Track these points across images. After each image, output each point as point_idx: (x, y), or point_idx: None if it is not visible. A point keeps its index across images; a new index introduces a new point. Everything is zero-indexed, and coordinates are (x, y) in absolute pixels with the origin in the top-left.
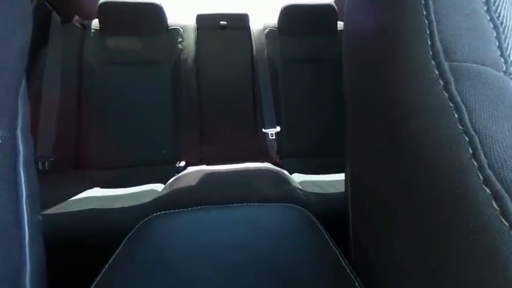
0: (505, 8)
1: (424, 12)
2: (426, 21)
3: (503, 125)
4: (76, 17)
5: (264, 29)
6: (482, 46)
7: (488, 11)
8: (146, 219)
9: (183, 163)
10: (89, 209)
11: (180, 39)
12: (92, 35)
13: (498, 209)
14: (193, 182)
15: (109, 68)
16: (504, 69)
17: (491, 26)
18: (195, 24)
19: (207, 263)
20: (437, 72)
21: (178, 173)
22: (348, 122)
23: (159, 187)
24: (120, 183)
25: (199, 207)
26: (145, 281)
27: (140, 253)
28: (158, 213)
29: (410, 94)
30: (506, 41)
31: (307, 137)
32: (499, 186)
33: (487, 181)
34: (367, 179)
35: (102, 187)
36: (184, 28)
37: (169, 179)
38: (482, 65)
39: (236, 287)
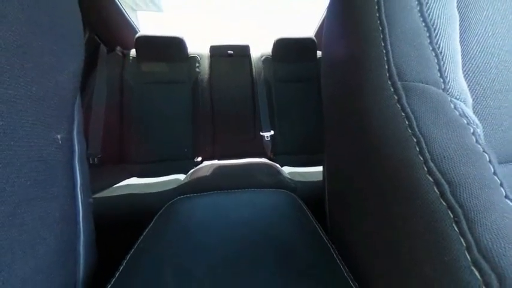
0: (443, 40)
1: (382, 44)
2: (384, 51)
3: (442, 129)
4: (118, 48)
5: (261, 57)
6: (426, 69)
7: (431, 43)
8: (172, 201)
9: (199, 158)
10: (128, 194)
11: (197, 65)
12: (131, 61)
13: (438, 193)
14: (207, 172)
15: (144, 86)
16: (443, 87)
17: (433, 54)
18: (209, 53)
19: (220, 235)
20: (392, 90)
21: (196, 166)
22: (326, 127)
23: (181, 177)
24: (151, 174)
25: (212, 192)
26: (172, 248)
27: (168, 228)
28: (181, 196)
29: (373, 106)
30: (445, 65)
31: (294, 138)
32: (439, 175)
33: (430, 172)
34: (341, 171)
35: (138, 177)
36: (201, 56)
37: (189, 171)
38: (426, 83)
39: (241, 254)
